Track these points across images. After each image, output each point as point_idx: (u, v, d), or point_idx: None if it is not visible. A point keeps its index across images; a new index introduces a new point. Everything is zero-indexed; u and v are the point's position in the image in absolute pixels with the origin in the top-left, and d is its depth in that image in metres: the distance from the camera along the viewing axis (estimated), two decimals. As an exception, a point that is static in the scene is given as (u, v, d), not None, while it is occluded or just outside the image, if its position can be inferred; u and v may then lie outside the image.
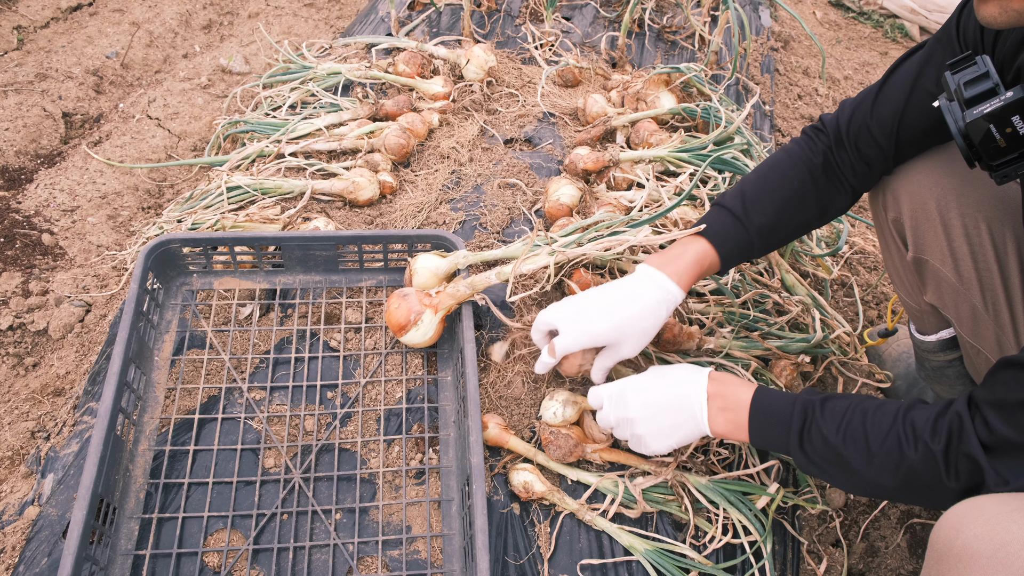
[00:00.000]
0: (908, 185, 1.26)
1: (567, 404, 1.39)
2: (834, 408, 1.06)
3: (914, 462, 0.96)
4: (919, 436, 0.97)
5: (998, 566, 0.80)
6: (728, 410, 1.14)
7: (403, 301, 1.42)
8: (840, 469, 1.05)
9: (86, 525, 1.10)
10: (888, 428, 1.00)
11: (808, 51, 2.97)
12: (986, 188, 1.20)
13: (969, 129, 0.96)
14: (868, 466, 1.01)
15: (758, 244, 1.31)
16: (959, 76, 0.97)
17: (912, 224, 1.28)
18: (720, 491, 1.32)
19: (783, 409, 1.10)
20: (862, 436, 1.01)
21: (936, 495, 0.97)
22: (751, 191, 1.31)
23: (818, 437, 1.05)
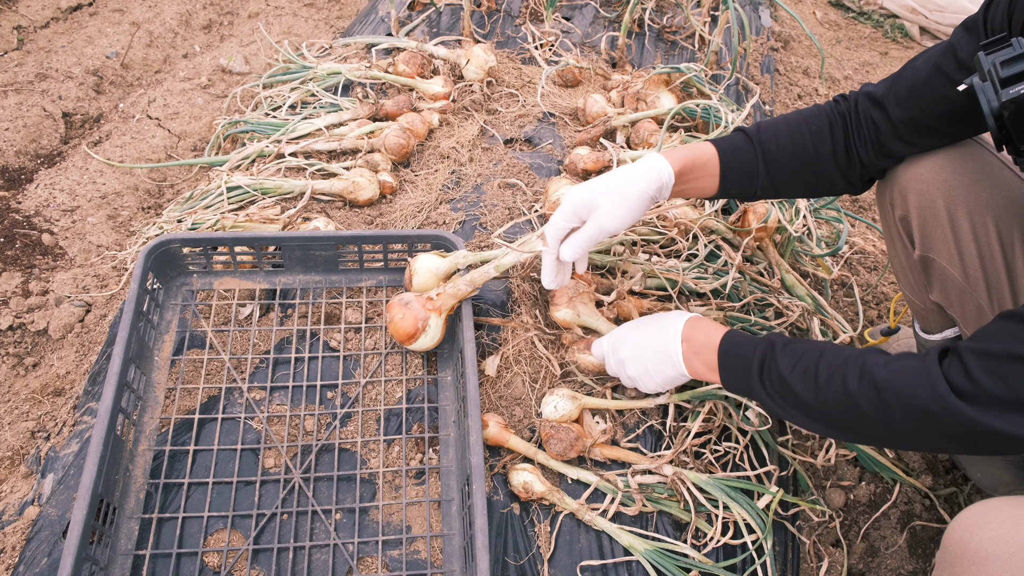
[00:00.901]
0: (916, 183, 1.26)
1: (567, 400, 1.39)
2: (795, 348, 1.09)
3: (856, 394, 0.97)
4: (865, 373, 0.97)
5: (1013, 570, 0.80)
6: (700, 353, 1.21)
7: (407, 309, 1.41)
8: (793, 404, 1.07)
9: (86, 525, 1.10)
10: (839, 364, 1.02)
11: (808, 51, 2.97)
12: (995, 188, 1.20)
13: (1004, 109, 0.95)
14: (816, 398, 1.03)
15: (762, 171, 1.28)
16: (993, 56, 0.96)
17: (920, 222, 1.27)
18: (720, 487, 1.33)
19: (747, 349, 1.14)
20: (813, 369, 1.04)
21: (881, 429, 0.97)
22: (768, 122, 1.32)
23: (775, 373, 1.08)
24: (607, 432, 1.39)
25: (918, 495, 1.53)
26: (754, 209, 1.74)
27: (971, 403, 0.88)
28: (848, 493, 1.52)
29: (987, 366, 0.88)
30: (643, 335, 1.30)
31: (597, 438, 1.39)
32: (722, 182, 1.30)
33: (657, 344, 1.26)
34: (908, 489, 1.53)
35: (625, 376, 1.34)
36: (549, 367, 1.50)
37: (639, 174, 1.24)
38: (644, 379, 1.31)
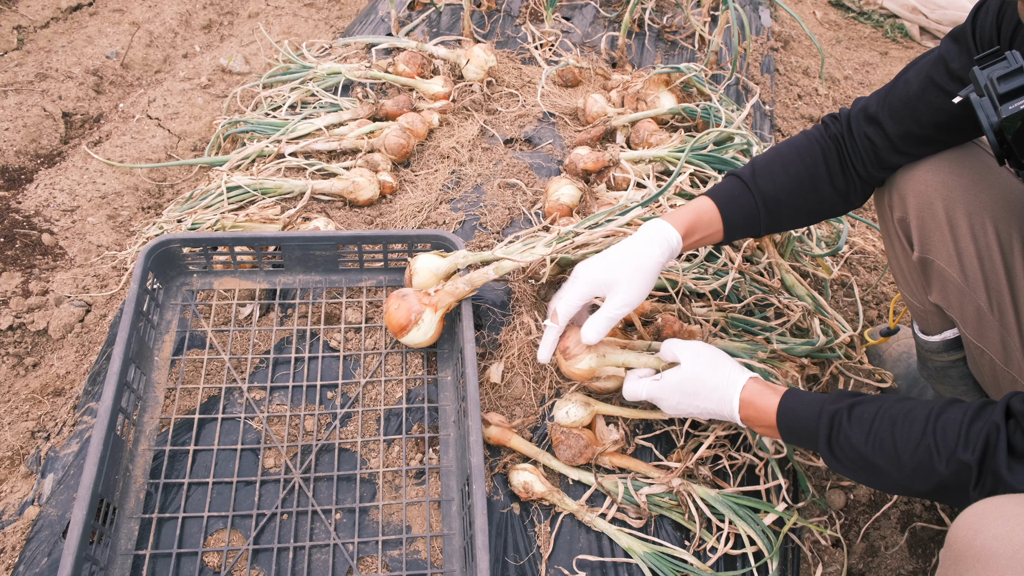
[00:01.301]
0: (915, 185, 1.26)
1: (580, 406, 1.38)
2: (861, 416, 1.06)
3: (945, 476, 0.96)
4: (952, 449, 0.95)
5: (1017, 568, 0.80)
6: (758, 420, 1.19)
7: (402, 301, 1.42)
8: (872, 475, 1.05)
9: (86, 525, 1.10)
10: (919, 438, 0.99)
11: (808, 51, 2.97)
12: (993, 189, 1.20)
13: (1004, 124, 0.96)
14: (900, 473, 1.01)
15: (764, 214, 1.30)
16: (988, 71, 0.97)
17: (918, 224, 1.27)
18: (728, 503, 1.32)
19: (809, 419, 1.11)
20: (891, 446, 1.01)
21: (965, 501, 0.97)
22: (762, 161, 1.32)
23: (847, 446, 1.06)
24: (619, 442, 1.39)
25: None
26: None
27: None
28: (848, 493, 1.52)
29: None
30: (695, 399, 1.25)
31: (608, 447, 1.38)
32: (726, 232, 1.32)
33: (714, 407, 1.23)
34: (908, 489, 1.53)
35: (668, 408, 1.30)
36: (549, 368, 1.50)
37: (650, 245, 1.26)
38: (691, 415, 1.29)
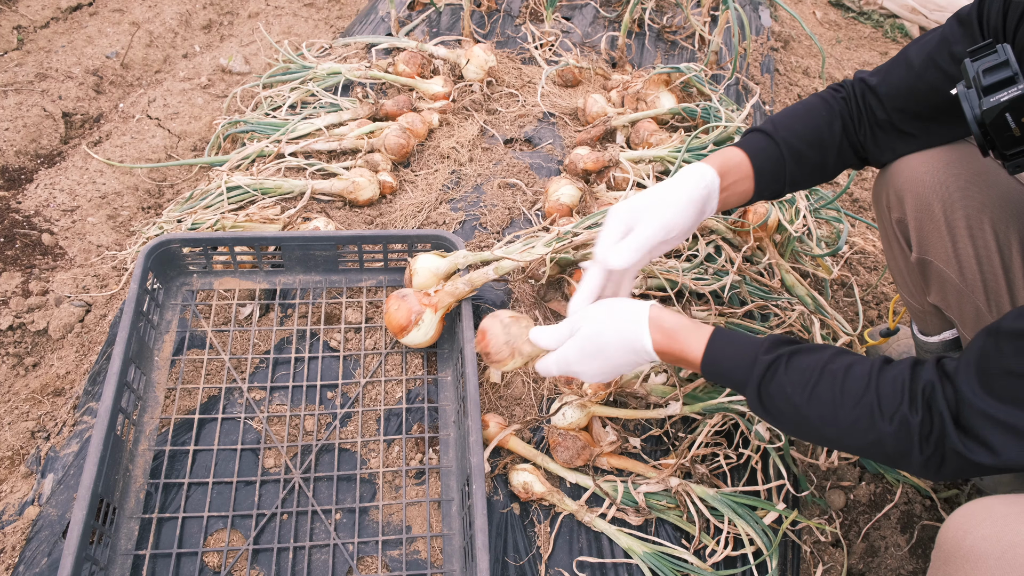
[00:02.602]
0: (912, 186, 1.26)
1: (576, 407, 1.39)
2: (799, 367, 1.00)
3: (886, 434, 0.93)
4: (895, 409, 0.93)
5: (1006, 568, 0.80)
6: (675, 356, 1.09)
7: (402, 302, 1.42)
8: (801, 427, 1.01)
9: (86, 525, 1.10)
10: (860, 395, 0.95)
11: (808, 51, 2.97)
12: (991, 189, 1.20)
13: (985, 117, 0.96)
14: (834, 428, 0.97)
15: (790, 164, 1.24)
16: (978, 64, 0.97)
17: (916, 225, 1.27)
18: (727, 503, 1.32)
19: (741, 365, 1.03)
20: (829, 401, 0.96)
21: (898, 462, 0.95)
22: (780, 117, 1.28)
23: (780, 396, 1.00)
24: (615, 443, 1.39)
25: (919, 495, 1.53)
26: (754, 209, 1.74)
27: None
28: (848, 493, 1.52)
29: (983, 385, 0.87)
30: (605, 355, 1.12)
31: (605, 448, 1.38)
32: (756, 184, 1.25)
33: (629, 359, 1.11)
34: (909, 490, 1.53)
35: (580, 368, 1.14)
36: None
37: (682, 179, 1.19)
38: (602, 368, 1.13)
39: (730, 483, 1.39)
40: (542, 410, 1.46)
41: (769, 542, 1.29)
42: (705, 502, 1.32)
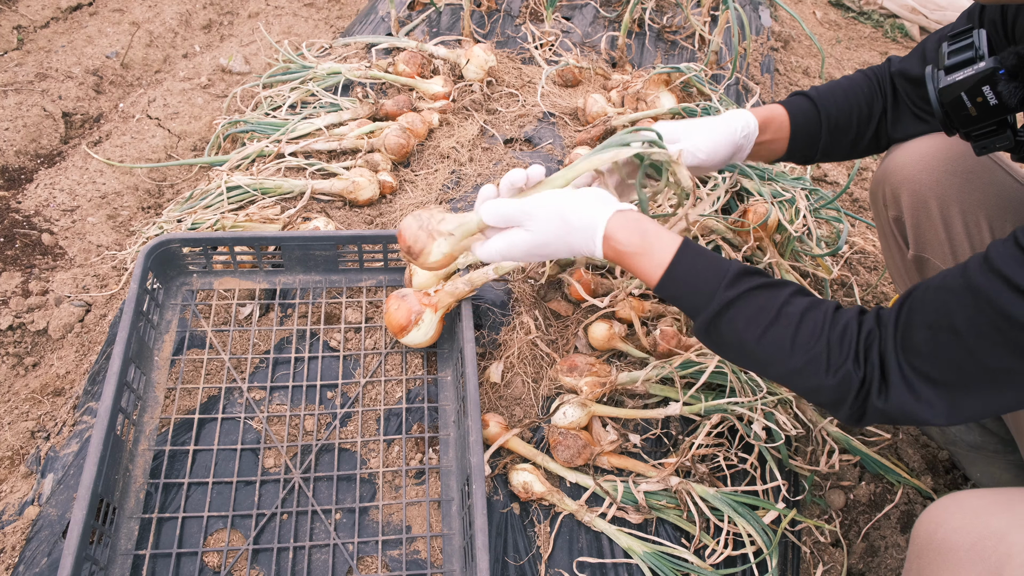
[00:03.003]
0: (909, 184, 1.26)
1: (577, 407, 1.39)
2: (757, 300, 0.98)
3: (827, 386, 0.93)
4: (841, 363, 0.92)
5: (975, 558, 0.82)
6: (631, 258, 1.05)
7: (402, 302, 1.42)
8: (745, 361, 1.01)
9: (86, 525, 1.10)
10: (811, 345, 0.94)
11: (808, 51, 2.97)
12: (987, 187, 1.20)
13: (941, 96, 0.98)
14: (780, 370, 0.97)
15: (825, 134, 1.28)
16: (951, 45, 0.99)
17: (913, 222, 1.28)
18: (727, 502, 1.32)
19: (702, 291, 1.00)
20: (780, 346, 0.96)
21: (828, 407, 0.96)
22: (825, 87, 1.31)
23: (730, 332, 0.99)
24: (616, 442, 1.39)
25: (919, 495, 1.52)
26: (754, 209, 1.74)
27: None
28: (848, 493, 1.52)
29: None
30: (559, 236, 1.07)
31: (605, 447, 1.38)
32: (790, 144, 1.29)
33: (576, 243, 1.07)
34: (909, 490, 1.53)
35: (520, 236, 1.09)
36: (550, 368, 1.50)
37: (727, 117, 1.25)
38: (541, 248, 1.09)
39: (730, 483, 1.39)
40: (542, 410, 1.46)
41: (769, 541, 1.29)
42: (705, 501, 1.32)
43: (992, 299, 0.80)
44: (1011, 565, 0.78)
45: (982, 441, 1.48)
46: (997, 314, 0.79)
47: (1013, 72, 0.91)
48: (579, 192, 1.10)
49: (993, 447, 1.47)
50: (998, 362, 0.81)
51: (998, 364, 0.82)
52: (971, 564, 0.82)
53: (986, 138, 0.99)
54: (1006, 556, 0.79)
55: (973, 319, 0.82)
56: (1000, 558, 0.79)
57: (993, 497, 0.88)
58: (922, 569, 0.89)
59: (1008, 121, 0.95)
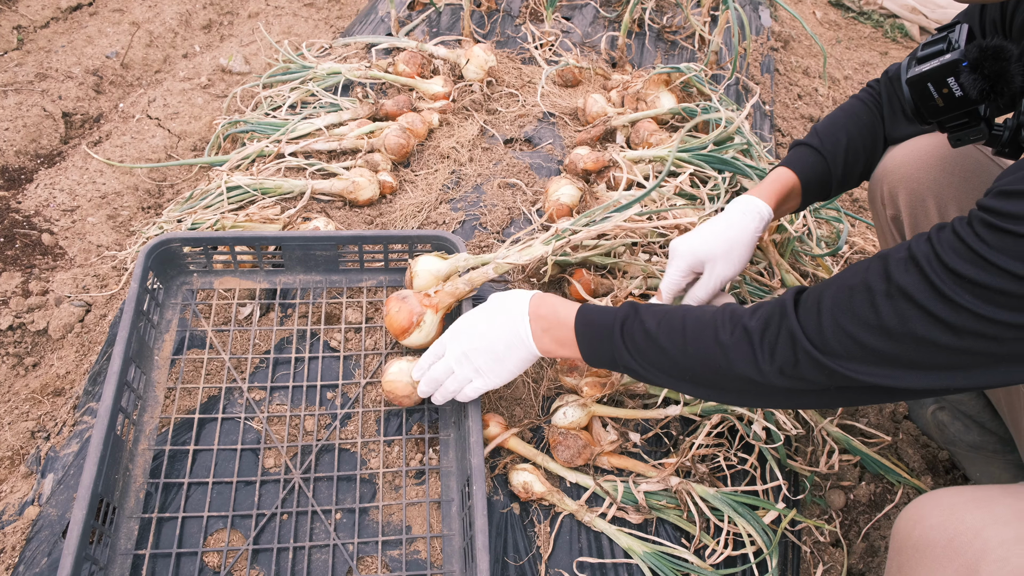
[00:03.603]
0: (906, 183, 1.27)
1: (577, 407, 1.39)
2: (658, 309, 1.07)
3: (728, 344, 0.96)
4: (736, 321, 0.97)
5: (951, 554, 0.82)
6: (550, 330, 1.16)
7: (403, 304, 1.42)
8: (658, 363, 1.04)
9: (86, 525, 1.10)
10: (707, 318, 1.00)
11: (808, 51, 2.97)
12: (985, 185, 1.20)
13: (909, 85, 0.99)
14: (683, 353, 1.00)
15: (836, 175, 1.32)
16: (931, 38, 1.01)
17: (911, 222, 1.28)
18: (727, 501, 1.32)
19: (606, 316, 1.10)
20: (680, 325, 1.01)
21: (746, 382, 0.97)
22: (823, 126, 1.34)
23: (639, 331, 1.05)
24: (616, 442, 1.39)
25: (919, 496, 1.52)
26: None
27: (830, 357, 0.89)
28: (848, 493, 1.52)
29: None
30: (486, 324, 1.22)
31: (606, 447, 1.38)
32: (803, 198, 1.35)
33: (505, 330, 1.19)
34: (909, 490, 1.53)
35: (473, 369, 1.23)
36: (550, 368, 1.50)
37: (743, 217, 1.28)
38: (494, 366, 1.22)
39: (730, 483, 1.39)
40: (542, 410, 1.46)
41: (769, 541, 1.29)
42: (706, 501, 1.32)
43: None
44: (987, 560, 0.78)
45: (981, 441, 1.48)
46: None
47: (975, 64, 0.93)
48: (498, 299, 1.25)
49: (992, 447, 1.47)
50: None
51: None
52: (948, 560, 0.82)
53: (959, 130, 1.00)
54: (981, 551, 0.80)
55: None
56: (976, 553, 0.80)
57: (970, 494, 0.89)
58: (901, 566, 0.90)
59: (980, 113, 0.97)
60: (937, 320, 0.80)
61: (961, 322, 0.79)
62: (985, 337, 0.78)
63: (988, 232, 0.77)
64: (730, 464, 1.40)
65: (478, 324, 1.23)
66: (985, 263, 0.76)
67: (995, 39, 0.92)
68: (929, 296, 0.80)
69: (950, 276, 0.79)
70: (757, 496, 1.35)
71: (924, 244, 0.83)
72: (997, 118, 1.01)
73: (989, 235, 0.76)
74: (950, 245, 0.80)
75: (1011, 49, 0.90)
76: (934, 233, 0.83)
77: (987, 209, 0.78)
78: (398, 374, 1.36)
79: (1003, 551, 0.78)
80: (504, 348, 1.20)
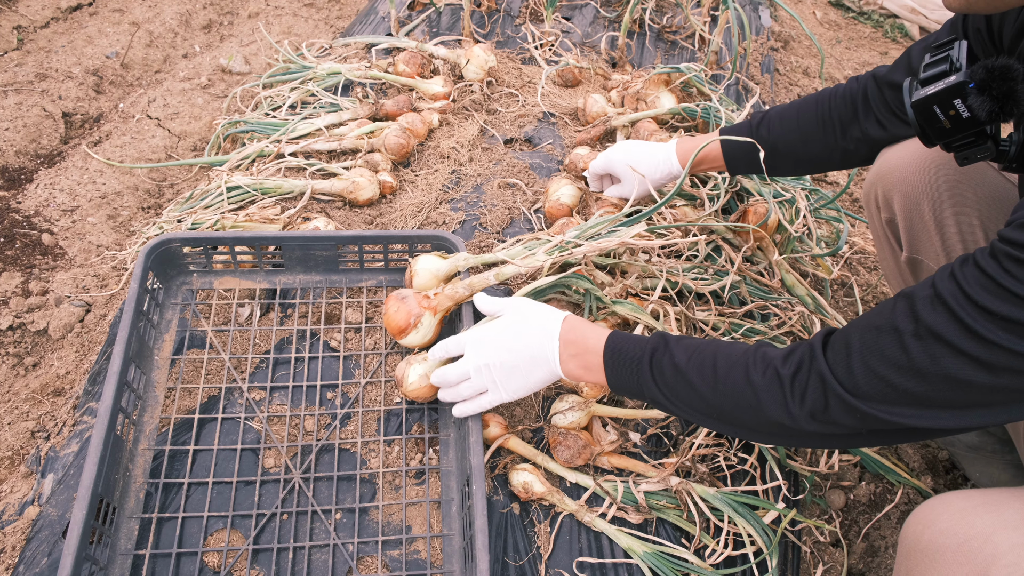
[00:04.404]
0: (901, 186, 1.27)
1: (577, 407, 1.39)
2: (689, 343, 1.07)
3: (759, 386, 0.95)
4: (768, 363, 0.96)
5: (962, 559, 0.82)
6: (579, 356, 1.16)
7: (402, 304, 1.42)
8: (687, 396, 1.03)
9: (86, 525, 1.10)
10: (738, 356, 1.00)
11: (808, 51, 2.97)
12: (979, 188, 1.20)
13: (915, 108, 0.98)
14: (713, 391, 1.00)
15: (768, 158, 1.40)
16: (931, 57, 0.99)
17: (906, 224, 1.28)
18: (727, 501, 1.32)
19: (636, 346, 1.10)
20: (711, 362, 1.01)
21: (777, 426, 0.96)
22: (776, 111, 1.44)
23: (668, 365, 1.04)
24: (616, 442, 1.39)
25: (919, 496, 1.53)
26: (754, 209, 1.74)
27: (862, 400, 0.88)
28: (848, 493, 1.52)
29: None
30: (513, 339, 1.20)
31: (606, 447, 1.38)
32: (730, 170, 1.54)
33: (532, 350, 1.18)
34: (909, 490, 1.53)
35: (490, 380, 1.22)
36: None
37: (654, 160, 1.61)
38: (512, 381, 1.21)
39: (730, 483, 1.39)
40: (542, 410, 1.46)
41: (769, 541, 1.29)
42: (705, 501, 1.32)
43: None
44: (997, 565, 0.78)
45: (980, 442, 1.48)
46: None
47: (982, 85, 0.92)
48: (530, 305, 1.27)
49: (991, 447, 1.47)
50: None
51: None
52: (958, 565, 0.82)
53: (966, 148, 0.99)
54: (992, 556, 0.80)
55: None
56: (986, 558, 0.80)
57: (980, 498, 0.89)
58: (910, 570, 0.90)
59: (988, 132, 0.95)
60: (970, 359, 0.79)
61: (995, 359, 0.77)
62: (1021, 373, 0.77)
63: (1016, 266, 0.76)
64: (730, 464, 1.40)
65: (505, 337, 1.21)
66: (1015, 298, 0.75)
67: (1000, 58, 0.91)
68: (960, 335, 0.79)
69: (980, 313, 0.78)
70: (757, 496, 1.35)
71: (949, 281, 0.82)
72: (1002, 132, 1.00)
73: (1017, 269, 0.76)
74: (977, 281, 0.79)
75: (1017, 68, 0.89)
76: (957, 268, 0.82)
77: (1011, 242, 0.77)
78: (419, 380, 1.36)
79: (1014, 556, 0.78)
80: (528, 367, 1.19)
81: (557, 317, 1.20)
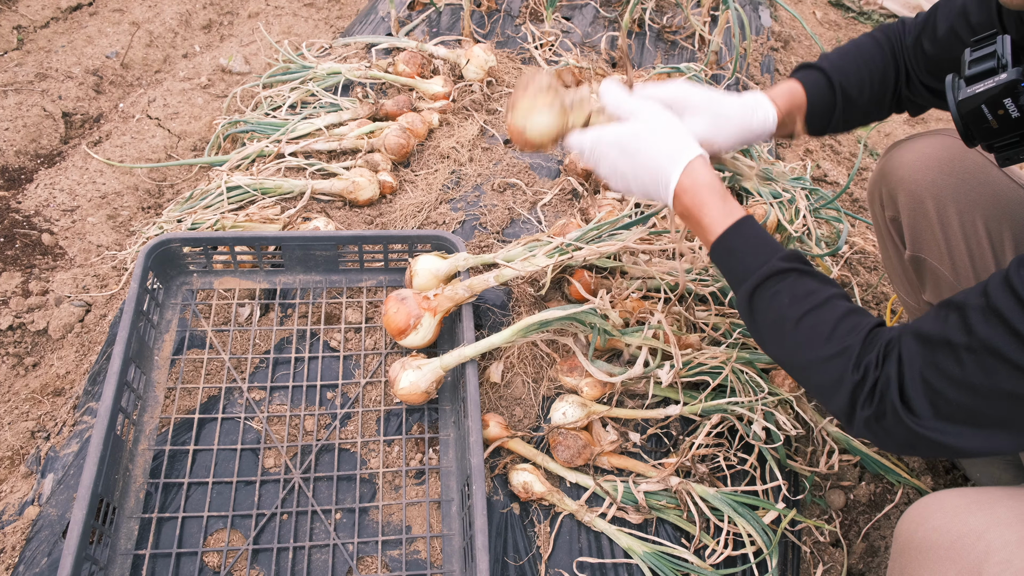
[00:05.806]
0: (905, 184, 1.27)
1: (577, 407, 1.39)
2: (805, 287, 0.97)
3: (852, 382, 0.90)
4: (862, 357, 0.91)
5: (955, 556, 0.83)
6: (691, 218, 1.07)
7: (401, 305, 1.42)
8: (774, 339, 0.99)
9: (86, 525, 1.10)
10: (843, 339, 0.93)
11: (808, 51, 2.97)
12: (983, 187, 1.20)
13: (961, 108, 0.95)
14: (792, 356, 0.96)
15: (838, 110, 1.22)
16: (973, 52, 0.96)
17: (909, 223, 1.28)
18: (727, 502, 1.32)
19: (750, 256, 1.02)
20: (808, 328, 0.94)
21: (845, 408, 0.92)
22: (836, 58, 1.25)
23: (776, 300, 0.98)
24: (616, 442, 1.39)
25: (919, 496, 1.53)
26: (753, 210, 1.74)
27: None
28: (848, 493, 1.52)
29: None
30: (634, 162, 1.09)
31: (605, 447, 1.38)
32: (807, 124, 1.26)
33: (645, 181, 1.08)
34: (909, 490, 1.53)
35: (607, 171, 1.13)
36: (550, 368, 1.50)
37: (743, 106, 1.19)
38: (622, 183, 1.12)
39: (730, 483, 1.39)
40: (542, 410, 1.46)
41: (769, 541, 1.29)
42: (705, 501, 1.32)
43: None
44: (990, 563, 0.79)
45: (981, 442, 1.48)
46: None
47: None
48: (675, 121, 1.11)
49: (992, 447, 1.47)
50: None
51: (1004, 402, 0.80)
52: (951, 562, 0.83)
53: (1009, 149, 0.96)
54: (984, 554, 0.80)
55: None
56: (979, 556, 0.80)
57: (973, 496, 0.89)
58: (904, 567, 0.90)
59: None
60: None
61: None
62: None
63: None
64: (730, 464, 1.40)
65: (633, 153, 1.09)
66: None
67: None
68: (1018, 349, 0.76)
69: None
70: (757, 496, 1.35)
71: (1004, 293, 0.78)
72: None
73: None
74: None
75: None
76: (1015, 275, 0.78)
77: None
78: (410, 387, 1.36)
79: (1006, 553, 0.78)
80: (640, 192, 1.11)
81: (683, 155, 1.06)
